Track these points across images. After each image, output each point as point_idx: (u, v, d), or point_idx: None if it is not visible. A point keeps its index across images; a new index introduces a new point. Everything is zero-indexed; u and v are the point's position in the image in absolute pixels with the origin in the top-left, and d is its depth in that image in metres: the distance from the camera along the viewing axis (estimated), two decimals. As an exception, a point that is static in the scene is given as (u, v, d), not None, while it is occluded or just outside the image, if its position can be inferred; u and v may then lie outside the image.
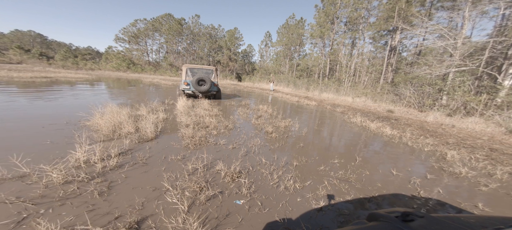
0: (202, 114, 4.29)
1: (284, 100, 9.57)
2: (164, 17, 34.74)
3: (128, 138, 2.61)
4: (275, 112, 5.63)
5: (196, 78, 6.11)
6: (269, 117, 4.84)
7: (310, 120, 5.22)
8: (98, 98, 5.60)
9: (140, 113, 3.88)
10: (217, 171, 1.99)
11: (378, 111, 7.63)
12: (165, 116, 3.97)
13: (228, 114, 4.83)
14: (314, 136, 3.68)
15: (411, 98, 8.44)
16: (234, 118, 4.49)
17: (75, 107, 4.21)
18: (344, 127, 4.62)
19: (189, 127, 3.32)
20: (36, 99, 4.68)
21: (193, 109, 4.83)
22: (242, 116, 4.75)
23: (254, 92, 13.71)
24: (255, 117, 4.68)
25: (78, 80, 11.39)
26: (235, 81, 28.75)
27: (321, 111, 7.04)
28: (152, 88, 10.03)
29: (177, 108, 4.76)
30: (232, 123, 4.00)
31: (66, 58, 29.82)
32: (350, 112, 7.03)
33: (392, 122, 5.65)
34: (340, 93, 13.72)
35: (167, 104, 5.37)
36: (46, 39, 58.30)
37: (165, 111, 4.49)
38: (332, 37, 19.61)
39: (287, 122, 4.40)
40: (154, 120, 3.50)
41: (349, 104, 9.26)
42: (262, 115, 5.01)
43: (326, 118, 5.74)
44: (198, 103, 5.73)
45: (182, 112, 4.39)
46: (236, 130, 3.57)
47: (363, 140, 3.68)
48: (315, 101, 9.35)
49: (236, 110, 5.54)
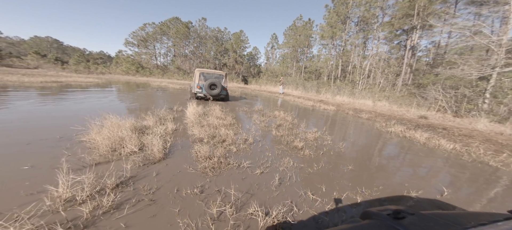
0: (216, 124, 3.75)
1: (297, 105, 8.92)
2: (172, 20, 35.25)
3: (130, 160, 2.09)
4: (294, 119, 5.00)
5: (209, 83, 6.60)
6: (290, 126, 4.22)
7: (339, 129, 4.54)
8: (104, 103, 5.23)
9: (147, 123, 3.39)
10: (250, 216, 1.40)
11: (408, 117, 6.79)
12: (175, 127, 3.46)
13: (244, 123, 4.27)
14: (357, 153, 3.02)
15: (443, 101, 7.52)
16: (251, 128, 3.91)
17: (78, 114, 3.80)
18: (386, 140, 3.92)
19: (203, 142, 2.77)
20: (40, 105, 4.34)
21: (205, 118, 4.31)
22: (259, 125, 4.17)
23: (262, 95, 13.15)
24: (274, 127, 4.09)
25: (89, 84, 11.31)
26: (242, 84, 28.37)
27: (344, 117, 6.33)
28: (159, 92, 9.70)
29: (187, 115, 4.26)
30: (251, 134, 3.42)
31: (79, 62, 30.76)
32: (378, 118, 6.26)
33: (440, 132, 4.83)
34: (355, 96, 12.85)
35: (176, 112, 4.89)
36: (62, 45, 61.19)
37: (174, 120, 4.00)
38: (343, 37, 18.78)
39: (313, 132, 3.76)
40: (163, 133, 2.99)
41: (371, 109, 8.44)
42: (281, 123, 4.40)
43: (355, 127, 5.03)
44: (209, 110, 5.22)
45: (193, 121, 3.87)
46: (257, 144, 2.98)
47: (424, 159, 2.97)
48: (332, 105, 8.63)
49: (250, 117, 4.97)
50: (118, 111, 4.32)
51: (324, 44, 21.05)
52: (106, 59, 50.55)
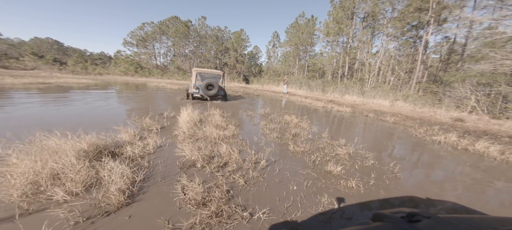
0: (215, 136, 2.88)
1: (306, 106, 8.02)
2: (171, 20, 34.52)
3: (63, 210, 1.22)
4: (311, 125, 4.11)
5: (206, 83, 6.37)
6: (309, 137, 3.34)
7: (370, 138, 3.65)
8: (75, 109, 4.39)
9: (121, 138, 2.53)
10: None
11: (439, 119, 5.85)
12: (160, 142, 2.60)
13: (250, 134, 3.40)
14: (423, 181, 2.13)
15: (474, 101, 6.57)
16: (261, 141, 3.04)
17: (13, 125, 2.95)
18: (444, 155, 3.00)
19: (195, 169, 1.92)
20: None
21: (201, 127, 3.45)
22: (270, 136, 3.29)
23: (266, 96, 12.27)
24: (289, 138, 3.21)
25: (80, 85, 10.52)
26: (243, 84, 27.50)
27: (365, 121, 5.43)
28: (155, 93, 8.86)
29: (180, 124, 3.40)
30: (261, 151, 2.55)
31: (77, 63, 30.13)
32: (408, 122, 5.34)
33: (504, 141, 3.90)
34: (366, 95, 11.91)
35: (167, 118, 4.03)
36: (62, 46, 60.85)
37: (162, 131, 3.14)
38: (350, 34, 17.78)
39: (343, 145, 2.88)
40: (138, 154, 2.13)
41: (390, 110, 7.49)
42: (297, 132, 3.51)
43: (388, 134, 4.12)
44: (207, 116, 4.35)
45: (186, 132, 3.01)
46: (272, 169, 2.12)
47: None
48: (346, 106, 7.72)
49: (257, 124, 4.10)
50: (87, 120, 3.47)
51: (329, 41, 20.06)
52: (106, 59, 49.99)
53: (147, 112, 4.42)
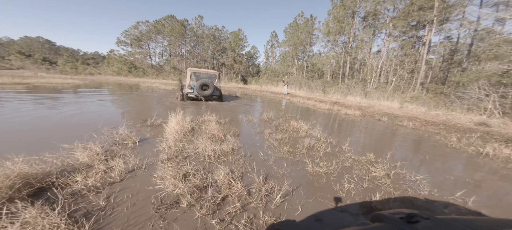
0: (209, 154, 2.21)
1: (310, 108, 7.42)
2: (167, 19, 33.62)
3: None
4: (323, 133, 3.46)
5: (200, 83, 6.17)
6: (328, 150, 2.70)
7: (399, 150, 3.02)
8: (39, 114, 3.65)
9: (78, 159, 1.83)
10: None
11: (458, 123, 5.30)
12: (134, 163, 1.91)
13: (254, 147, 2.73)
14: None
15: (490, 102, 6.09)
16: (268, 157, 2.38)
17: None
18: (507, 175, 2.40)
19: (179, 211, 1.25)
20: None
21: (192, 138, 2.77)
22: (280, 150, 2.63)
23: (266, 97, 11.64)
24: (304, 151, 2.57)
25: (65, 86, 9.64)
26: (241, 84, 26.81)
27: (381, 126, 4.83)
28: (145, 94, 8.09)
29: (166, 135, 2.72)
30: (272, 175, 1.90)
31: (67, 63, 28.86)
32: (429, 127, 4.75)
33: None
34: (371, 96, 11.42)
35: (152, 126, 3.32)
36: (54, 45, 58.87)
37: (141, 145, 2.45)
38: (351, 33, 17.35)
39: (374, 162, 2.25)
40: (93, 185, 1.45)
41: (403, 113, 6.87)
42: (311, 144, 2.86)
43: (415, 144, 3.51)
44: (202, 122, 3.68)
45: (172, 147, 2.33)
46: (293, 207, 1.47)
47: None
48: (353, 109, 7.14)
49: (261, 133, 3.44)
50: (36, 133, 2.76)
51: (330, 40, 19.58)
52: (100, 59, 48.50)
53: (129, 118, 3.71)
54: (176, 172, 1.75)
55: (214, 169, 1.93)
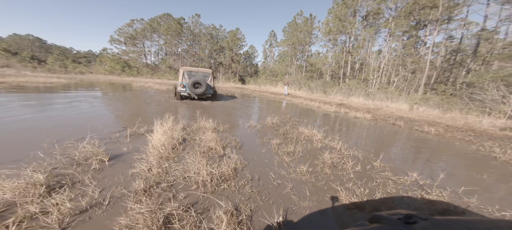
0: (204, 178, 1.61)
1: (314, 110, 6.88)
2: (162, 17, 32.68)
3: None
4: (342, 144, 2.90)
5: (192, 81, 6.15)
6: (357, 168, 2.13)
7: (442, 166, 2.48)
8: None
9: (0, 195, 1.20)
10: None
11: (479, 128, 4.81)
12: (92, 197, 1.29)
13: (262, 165, 2.14)
14: None
15: (505, 105, 5.67)
16: (283, 183, 1.79)
17: None
18: None
19: None
20: None
21: (182, 153, 2.16)
22: (295, 171, 2.04)
23: (266, 98, 11.07)
24: (327, 171, 1.99)
25: (47, 85, 8.81)
26: (239, 84, 26.17)
27: (403, 133, 4.30)
28: (135, 95, 7.38)
29: (149, 149, 2.10)
30: (292, 214, 1.31)
31: (56, 61, 27.57)
32: (457, 133, 4.22)
33: None
34: (376, 98, 10.99)
35: (132, 137, 2.68)
36: (45, 43, 56.82)
37: (110, 167, 1.82)
38: (353, 32, 16.96)
39: (420, 183, 1.69)
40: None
41: (418, 117, 6.26)
42: (334, 160, 2.29)
43: (454, 154, 2.98)
44: (196, 132, 3.07)
45: (154, 169, 1.71)
46: None
47: None
48: (362, 112, 6.62)
49: (268, 144, 2.85)
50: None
51: (331, 39, 19.15)
52: (93, 58, 46.95)
53: (105, 125, 3.05)
54: (153, 216, 1.14)
55: (210, 206, 1.33)
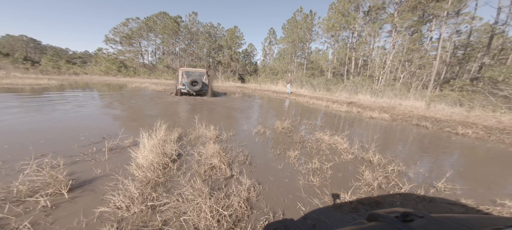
0: (210, 221, 1.06)
1: (323, 110, 6.33)
2: (159, 15, 31.84)
3: None
4: (378, 155, 2.36)
5: (190, 80, 7.18)
6: (411, 188, 1.60)
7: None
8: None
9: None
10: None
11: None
12: None
13: (283, 194, 1.59)
14: None
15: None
16: (318, 225, 1.24)
17: None
18: None
19: None
20: None
21: (178, 176, 1.60)
22: (330, 197, 1.51)
23: (268, 97, 10.52)
24: (377, 198, 1.45)
25: (34, 87, 8.19)
26: (239, 83, 25.55)
27: (437, 137, 3.76)
28: (129, 96, 6.78)
29: (132, 170, 1.54)
30: None
31: (50, 62, 26.76)
32: (504, 136, 3.59)
33: None
34: (385, 95, 10.47)
35: (112, 152, 2.12)
36: (40, 44, 55.72)
37: (68, 204, 1.25)
38: (356, 27, 16.38)
39: None
40: None
41: (443, 116, 5.46)
42: (379, 180, 1.76)
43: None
44: (195, 141, 2.51)
45: (133, 207, 1.16)
46: None
47: None
48: (377, 111, 6.08)
49: (284, 156, 2.31)
50: None
51: (333, 35, 18.53)
52: (89, 58, 46.00)
53: (82, 134, 2.48)
54: None
55: None
